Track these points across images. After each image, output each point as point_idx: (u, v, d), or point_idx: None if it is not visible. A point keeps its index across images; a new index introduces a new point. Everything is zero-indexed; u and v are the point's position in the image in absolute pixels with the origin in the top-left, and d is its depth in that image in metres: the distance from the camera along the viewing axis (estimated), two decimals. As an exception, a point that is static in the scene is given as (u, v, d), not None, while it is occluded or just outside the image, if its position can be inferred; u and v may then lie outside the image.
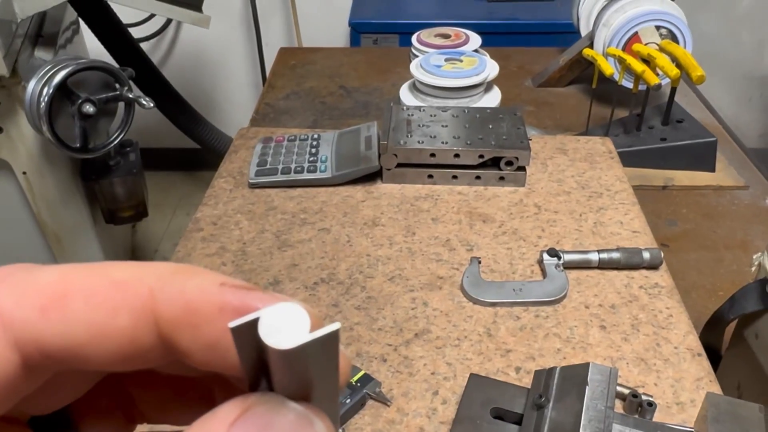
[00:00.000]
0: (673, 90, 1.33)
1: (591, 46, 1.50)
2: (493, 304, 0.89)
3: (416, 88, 1.35)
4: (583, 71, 1.61)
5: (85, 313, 0.21)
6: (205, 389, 0.28)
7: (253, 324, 0.19)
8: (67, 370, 0.23)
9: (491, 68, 1.32)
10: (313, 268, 0.94)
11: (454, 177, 1.11)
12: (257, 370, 0.21)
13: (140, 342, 0.21)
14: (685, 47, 1.39)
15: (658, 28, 1.40)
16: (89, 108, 1.44)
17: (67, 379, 0.24)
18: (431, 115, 1.16)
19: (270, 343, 0.19)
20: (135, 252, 2.50)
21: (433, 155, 1.09)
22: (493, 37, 1.77)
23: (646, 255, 0.95)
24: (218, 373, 0.24)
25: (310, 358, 0.20)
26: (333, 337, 0.19)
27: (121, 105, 1.55)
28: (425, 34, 1.53)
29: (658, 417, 0.74)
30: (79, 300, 0.21)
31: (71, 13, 1.67)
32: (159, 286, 0.21)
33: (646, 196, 1.19)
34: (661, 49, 1.34)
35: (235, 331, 0.19)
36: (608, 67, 1.31)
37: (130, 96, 1.50)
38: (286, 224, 1.03)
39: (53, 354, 0.21)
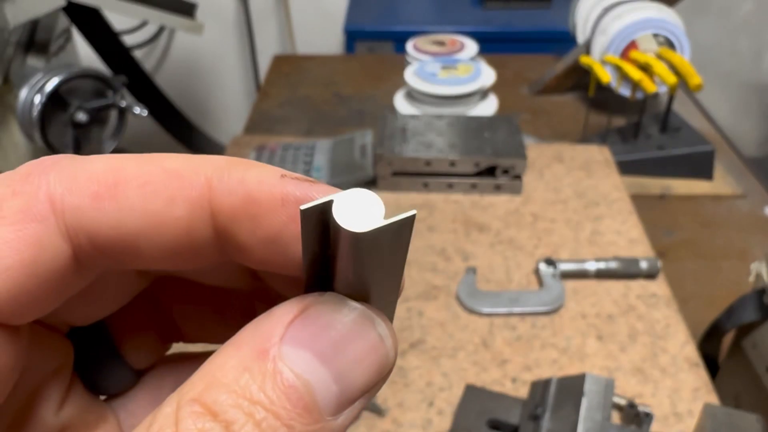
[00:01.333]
0: (671, 98, 1.32)
1: (588, 53, 1.49)
2: (489, 314, 0.88)
3: (411, 95, 1.34)
4: (579, 79, 1.60)
5: (140, 202, 0.20)
6: (247, 305, 0.27)
7: (325, 208, 0.18)
8: (111, 274, 0.23)
9: (487, 76, 1.31)
10: (306, 278, 0.93)
11: (450, 186, 1.10)
12: (318, 265, 0.20)
13: (196, 234, 0.21)
14: (682, 55, 1.38)
15: (655, 35, 1.39)
16: (82, 116, 1.43)
17: (109, 285, 0.24)
18: (426, 123, 1.15)
19: (345, 226, 0.18)
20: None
21: (428, 164, 1.08)
22: (489, 45, 1.76)
23: (644, 264, 0.94)
24: (262, 288, 0.24)
25: (383, 247, 0.19)
26: (408, 225, 0.19)
27: (114, 113, 1.54)
28: (421, 41, 1.53)
29: (655, 428, 0.74)
30: (133, 188, 0.20)
31: (63, 21, 1.66)
32: (217, 176, 0.20)
33: (643, 204, 1.18)
34: (659, 57, 1.33)
35: (305, 214, 0.18)
36: (605, 75, 1.30)
37: (123, 104, 1.49)
38: (280, 233, 1.02)
39: (105, 245, 0.20)
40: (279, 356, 0.19)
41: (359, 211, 0.18)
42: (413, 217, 0.19)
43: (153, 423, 0.18)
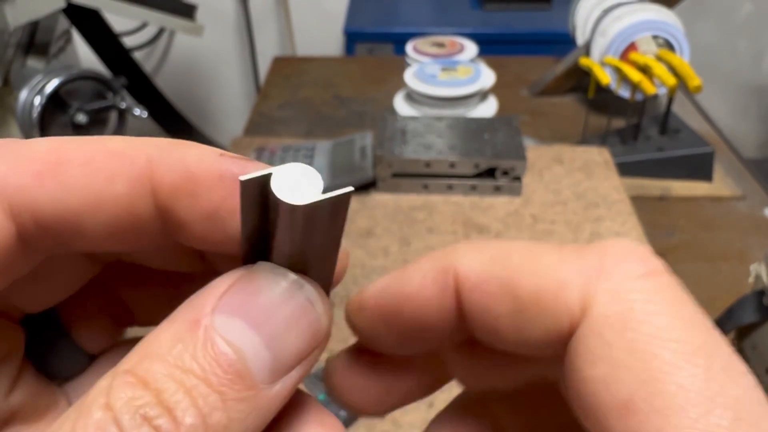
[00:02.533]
0: (670, 100, 1.32)
1: (587, 55, 1.49)
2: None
3: (411, 97, 1.34)
4: (579, 80, 1.60)
5: (82, 180, 0.20)
6: (197, 288, 0.28)
7: (264, 180, 0.19)
8: (60, 259, 0.23)
9: (487, 77, 1.31)
10: (306, 279, 0.93)
11: (450, 187, 1.10)
12: (255, 239, 0.21)
13: (137, 211, 0.21)
14: (682, 57, 1.38)
15: (655, 37, 1.39)
16: (82, 117, 1.43)
17: (59, 271, 0.24)
18: (426, 125, 1.15)
19: (283, 198, 0.18)
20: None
21: (428, 165, 1.08)
22: (489, 46, 1.76)
23: (644, 266, 0.94)
24: (212, 271, 0.24)
25: (319, 220, 0.19)
26: (344, 201, 0.19)
27: (114, 114, 1.54)
28: (420, 43, 1.53)
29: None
30: (75, 167, 0.20)
31: (63, 22, 1.66)
32: (157, 155, 0.21)
33: (643, 206, 1.18)
34: (658, 59, 1.33)
35: (244, 186, 0.19)
36: (605, 77, 1.30)
37: (123, 105, 1.49)
38: (280, 235, 1.02)
39: (48, 224, 0.20)
40: (211, 325, 0.19)
41: (298, 184, 0.19)
42: (350, 193, 0.19)
43: (88, 395, 0.18)
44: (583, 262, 0.20)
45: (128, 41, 2.34)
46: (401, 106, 1.36)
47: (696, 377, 0.17)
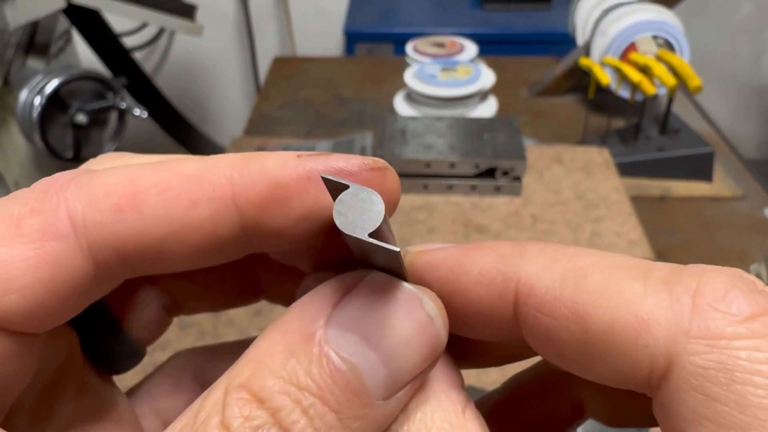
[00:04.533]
0: (670, 100, 1.32)
1: (587, 55, 1.49)
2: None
3: (411, 97, 1.34)
4: (579, 81, 1.60)
5: (162, 209, 0.20)
6: (245, 271, 0.28)
7: (343, 187, 0.18)
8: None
9: (487, 78, 1.31)
10: (306, 279, 0.93)
11: (450, 187, 1.10)
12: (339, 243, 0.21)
13: (222, 232, 0.21)
14: (682, 57, 1.38)
15: (655, 37, 1.39)
16: (82, 118, 1.43)
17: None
18: (426, 125, 1.15)
19: (336, 221, 0.18)
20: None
21: (428, 165, 1.08)
22: (489, 46, 1.76)
23: (644, 266, 0.94)
24: (258, 254, 0.24)
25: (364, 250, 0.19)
26: (394, 256, 0.19)
27: (114, 115, 1.54)
28: (420, 43, 1.53)
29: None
30: (152, 196, 0.20)
31: (64, 23, 1.66)
32: (236, 173, 0.21)
33: (643, 206, 1.18)
34: (658, 59, 1.33)
35: (328, 183, 0.19)
36: (604, 77, 1.30)
37: (123, 105, 1.49)
38: (280, 235, 1.02)
39: (130, 256, 0.20)
40: (325, 339, 0.19)
41: (359, 211, 0.18)
42: (397, 253, 0.18)
43: (201, 410, 0.18)
44: (672, 296, 0.17)
45: (128, 41, 2.34)
46: (401, 106, 1.36)
47: None
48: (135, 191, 0.20)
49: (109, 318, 0.26)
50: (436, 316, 0.20)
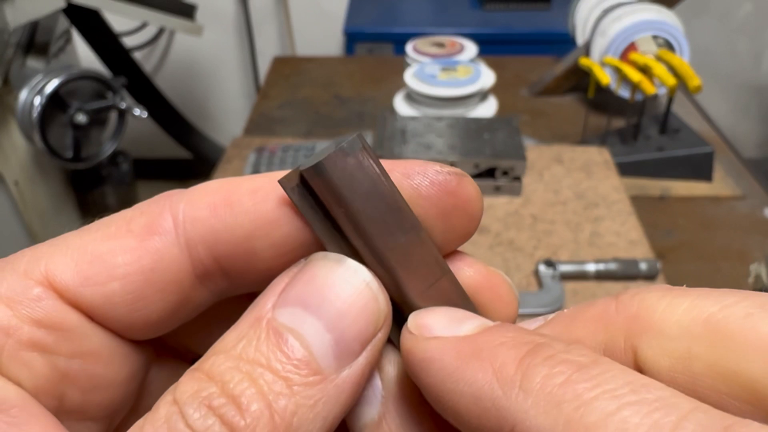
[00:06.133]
0: (670, 99, 1.32)
1: (587, 55, 1.49)
2: (489, 316, 0.88)
3: (411, 97, 1.34)
4: (579, 81, 1.60)
5: (252, 205, 0.22)
6: None
7: (300, 175, 0.21)
8: (233, 303, 0.24)
9: (487, 77, 1.31)
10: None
11: (450, 187, 1.10)
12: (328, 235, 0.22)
13: (306, 229, 0.22)
14: (682, 57, 1.38)
15: (655, 37, 1.39)
16: (81, 118, 1.44)
17: (232, 315, 0.24)
18: (426, 125, 1.15)
19: (306, 166, 0.21)
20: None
21: (428, 165, 1.08)
22: (489, 46, 1.76)
23: (643, 266, 0.94)
24: None
25: (354, 180, 0.20)
26: (357, 145, 0.20)
27: (114, 114, 1.54)
28: (420, 43, 1.53)
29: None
30: (245, 195, 0.22)
31: (63, 22, 1.66)
32: None
33: (642, 206, 1.18)
34: (658, 59, 1.33)
35: (283, 185, 0.21)
36: (604, 77, 1.30)
37: (123, 105, 1.49)
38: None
39: (222, 253, 0.22)
40: (272, 318, 0.20)
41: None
42: (359, 135, 0.20)
43: (164, 394, 0.19)
44: None
45: (128, 41, 2.34)
46: (401, 106, 1.36)
47: None
48: (229, 192, 0.22)
49: None
50: (372, 282, 0.21)
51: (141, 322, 0.22)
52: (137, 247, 0.21)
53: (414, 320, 0.21)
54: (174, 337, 0.25)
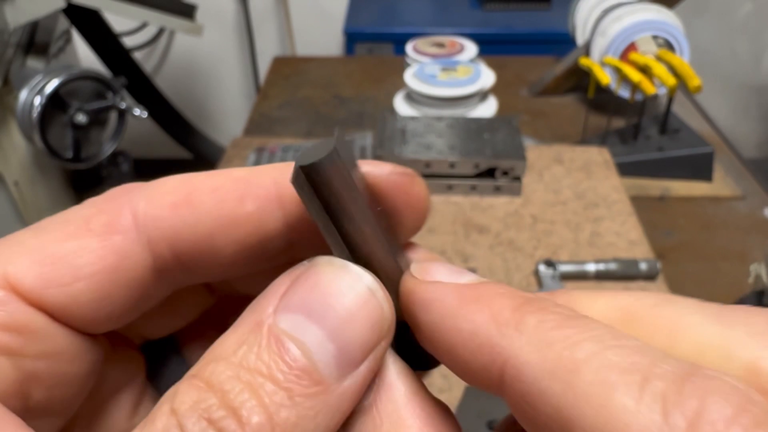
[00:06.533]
0: (670, 100, 1.32)
1: (587, 55, 1.49)
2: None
3: (411, 97, 1.34)
4: (579, 80, 1.60)
5: (213, 205, 0.22)
6: None
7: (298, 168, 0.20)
8: (184, 291, 0.25)
9: (487, 77, 1.31)
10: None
11: (450, 187, 1.10)
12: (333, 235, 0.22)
13: (266, 228, 0.23)
14: (682, 57, 1.38)
15: (655, 37, 1.39)
16: (82, 118, 1.43)
17: (182, 302, 0.27)
18: (426, 125, 1.15)
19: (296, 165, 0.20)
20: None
21: (428, 165, 1.08)
22: (489, 46, 1.76)
23: (643, 266, 0.94)
24: None
25: (332, 179, 0.20)
26: (330, 148, 0.20)
27: (114, 114, 1.54)
28: (420, 43, 1.53)
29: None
30: (205, 194, 0.22)
31: (63, 22, 1.66)
32: (281, 175, 0.23)
33: (642, 206, 1.18)
34: (658, 59, 1.33)
35: (294, 182, 0.21)
36: (604, 77, 1.30)
37: (123, 105, 1.49)
38: (280, 235, 1.02)
39: (184, 250, 0.22)
40: (274, 324, 0.19)
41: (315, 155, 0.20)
42: (338, 134, 0.20)
43: (160, 402, 0.19)
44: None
45: (128, 41, 2.34)
46: (401, 106, 1.36)
47: None
48: (189, 190, 0.22)
49: (176, 348, 0.28)
50: (376, 289, 0.20)
51: (104, 318, 0.22)
52: (99, 247, 0.21)
53: (418, 267, 0.22)
54: (128, 326, 0.25)
